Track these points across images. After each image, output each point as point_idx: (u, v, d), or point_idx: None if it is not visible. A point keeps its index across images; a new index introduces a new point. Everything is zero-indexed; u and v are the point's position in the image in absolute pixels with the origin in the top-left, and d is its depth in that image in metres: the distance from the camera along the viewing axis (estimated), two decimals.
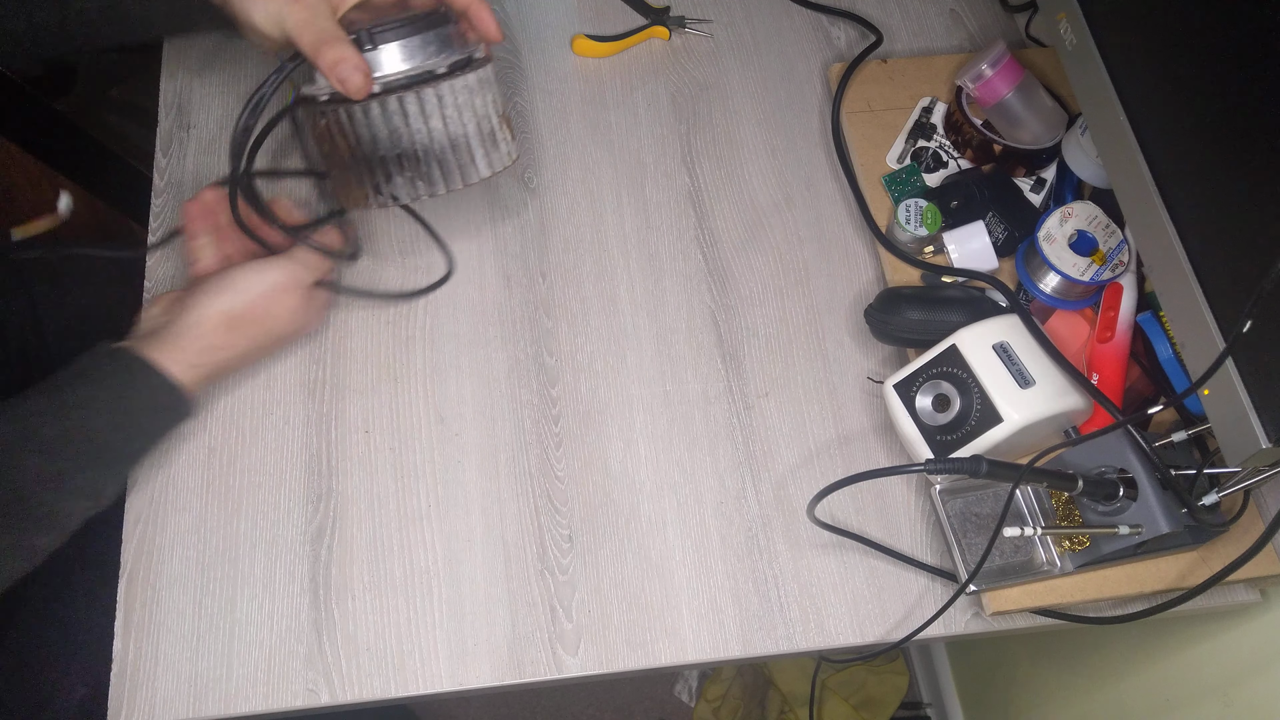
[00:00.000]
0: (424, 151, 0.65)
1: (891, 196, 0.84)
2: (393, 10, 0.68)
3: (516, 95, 0.89)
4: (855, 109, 0.88)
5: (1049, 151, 0.83)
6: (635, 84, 0.91)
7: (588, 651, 0.69)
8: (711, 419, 0.77)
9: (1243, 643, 0.79)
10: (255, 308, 0.69)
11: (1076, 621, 0.72)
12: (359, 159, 0.66)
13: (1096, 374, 0.73)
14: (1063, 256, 0.75)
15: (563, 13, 0.94)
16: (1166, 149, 0.64)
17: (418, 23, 0.64)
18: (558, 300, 0.81)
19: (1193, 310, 0.61)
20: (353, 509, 0.72)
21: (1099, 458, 0.68)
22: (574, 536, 0.72)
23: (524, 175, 0.86)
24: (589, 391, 0.77)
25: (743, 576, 0.72)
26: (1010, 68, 0.80)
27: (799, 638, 0.71)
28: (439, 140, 0.65)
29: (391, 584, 0.70)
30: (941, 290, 0.77)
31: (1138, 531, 0.64)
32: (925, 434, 0.70)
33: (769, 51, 0.93)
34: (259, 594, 0.69)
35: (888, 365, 0.80)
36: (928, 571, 0.73)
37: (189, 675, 0.67)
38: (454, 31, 0.68)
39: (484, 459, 0.74)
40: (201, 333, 0.67)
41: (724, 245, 0.84)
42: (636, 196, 0.86)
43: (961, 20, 0.97)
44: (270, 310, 0.69)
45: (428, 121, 0.64)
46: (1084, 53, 0.70)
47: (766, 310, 0.82)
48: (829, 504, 0.74)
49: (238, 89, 0.87)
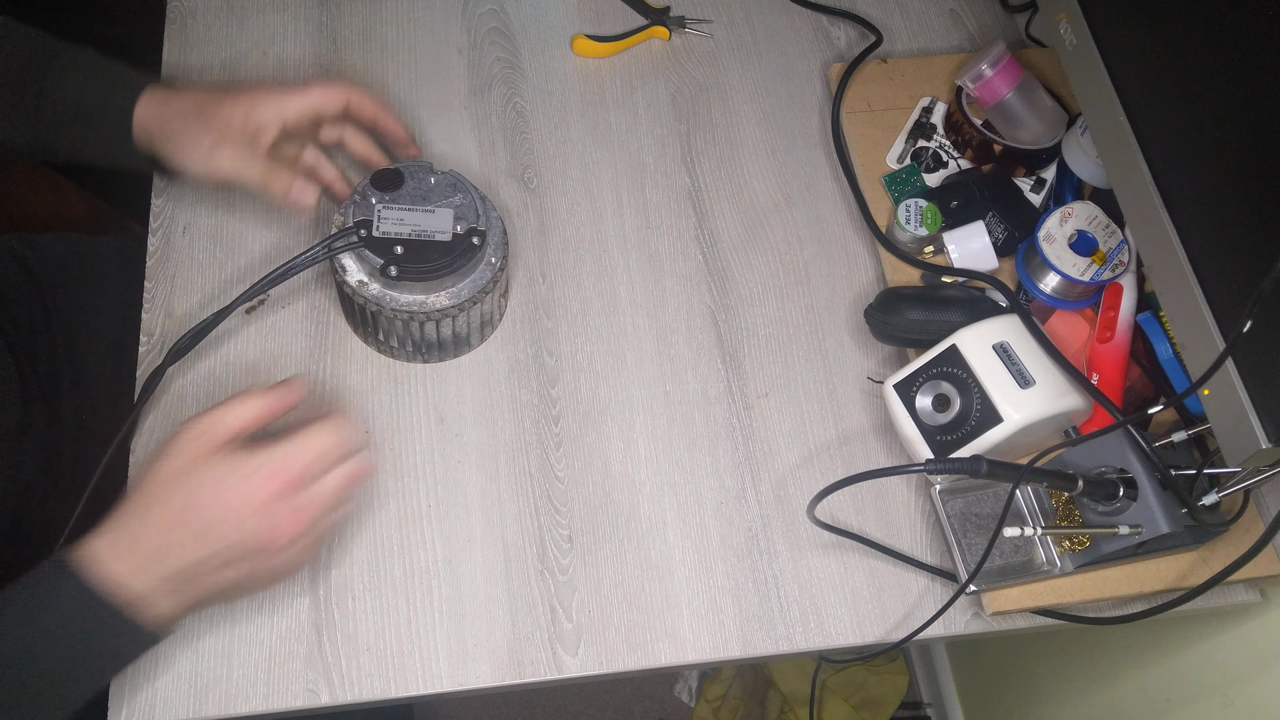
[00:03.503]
0: (429, 343, 0.75)
1: (891, 196, 0.84)
2: (308, 129, 0.74)
3: (516, 95, 0.89)
4: (855, 109, 0.88)
5: (1049, 151, 0.83)
6: (635, 84, 0.91)
7: (588, 652, 0.69)
8: (711, 419, 0.77)
9: (1243, 643, 0.79)
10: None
11: (1076, 621, 0.72)
12: (373, 327, 0.75)
13: (1096, 374, 0.73)
14: (1063, 256, 0.75)
15: (563, 13, 0.94)
16: (1166, 149, 0.64)
17: (441, 264, 0.70)
18: (558, 300, 0.81)
19: (1193, 310, 0.61)
20: (353, 509, 0.72)
21: (1099, 458, 0.68)
22: (574, 537, 0.72)
23: (524, 175, 0.86)
24: (589, 392, 0.77)
25: (743, 576, 0.72)
26: (1010, 68, 0.80)
27: (799, 638, 0.71)
28: (445, 337, 0.75)
29: (391, 584, 0.70)
30: (941, 290, 0.77)
31: (1138, 531, 0.65)
32: (925, 434, 0.70)
33: (769, 51, 0.93)
34: (259, 594, 0.69)
35: (888, 365, 0.80)
36: (928, 571, 0.73)
37: (189, 675, 0.67)
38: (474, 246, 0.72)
39: (484, 459, 0.74)
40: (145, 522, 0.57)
41: (724, 245, 0.84)
42: (636, 196, 0.86)
43: (961, 20, 0.97)
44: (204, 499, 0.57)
45: (439, 329, 0.73)
46: (1084, 53, 0.70)
47: (766, 310, 0.82)
48: (829, 504, 0.74)
49: None
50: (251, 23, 0.90)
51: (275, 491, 0.58)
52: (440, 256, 0.70)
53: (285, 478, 0.58)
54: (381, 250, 0.70)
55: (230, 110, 0.71)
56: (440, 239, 0.70)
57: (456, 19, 0.92)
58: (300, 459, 0.59)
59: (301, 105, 0.73)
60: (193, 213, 0.81)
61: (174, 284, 0.79)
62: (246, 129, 0.71)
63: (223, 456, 0.59)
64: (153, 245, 0.80)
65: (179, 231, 0.81)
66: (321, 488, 0.60)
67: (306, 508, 0.59)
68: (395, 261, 0.69)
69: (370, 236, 0.70)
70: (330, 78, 0.77)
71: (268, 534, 0.58)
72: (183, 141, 0.71)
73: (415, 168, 0.73)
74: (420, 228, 0.70)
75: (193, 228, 0.81)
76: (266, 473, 0.58)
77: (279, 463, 0.59)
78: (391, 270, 0.69)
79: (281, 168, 0.72)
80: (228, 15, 0.91)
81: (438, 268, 0.70)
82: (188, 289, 0.79)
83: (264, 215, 0.81)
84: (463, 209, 0.72)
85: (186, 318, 0.77)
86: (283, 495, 0.58)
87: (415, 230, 0.70)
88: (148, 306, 0.78)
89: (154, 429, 0.73)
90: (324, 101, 0.73)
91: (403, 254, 0.70)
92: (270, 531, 0.58)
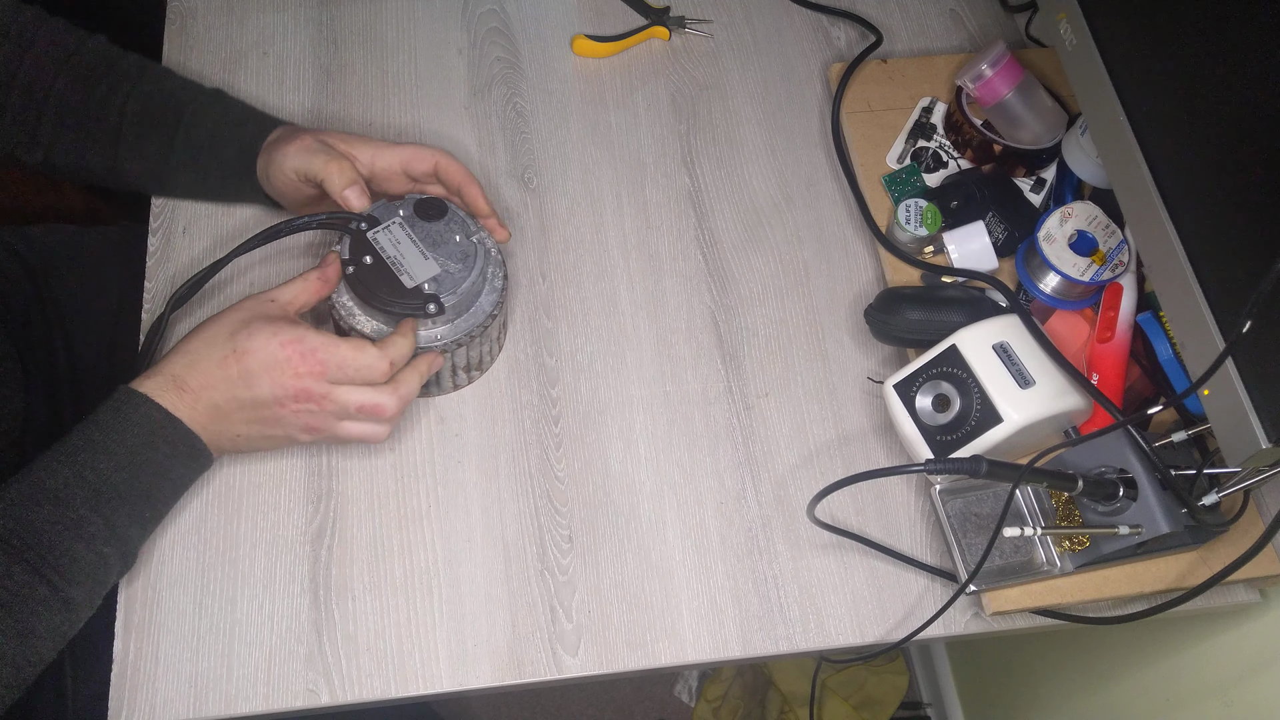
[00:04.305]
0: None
1: (891, 196, 0.84)
2: (395, 183, 0.75)
3: (516, 95, 0.89)
4: (855, 109, 0.88)
5: (1049, 151, 0.83)
6: (635, 84, 0.91)
7: (588, 652, 0.69)
8: (711, 419, 0.77)
9: (1243, 643, 0.79)
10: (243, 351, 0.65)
11: (1076, 621, 0.72)
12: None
13: (1096, 374, 0.73)
14: (1063, 256, 0.75)
15: (563, 13, 0.94)
16: (1166, 149, 0.64)
17: (381, 299, 0.69)
18: (558, 300, 0.81)
19: (1193, 310, 0.61)
20: (353, 509, 0.72)
21: (1099, 458, 0.68)
22: (574, 537, 0.72)
23: (524, 175, 0.86)
24: (589, 392, 0.77)
25: (743, 577, 0.72)
26: (1010, 68, 0.80)
27: (799, 638, 0.71)
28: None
29: (391, 584, 0.70)
30: (941, 290, 0.77)
31: (1138, 531, 0.65)
32: (925, 434, 0.70)
33: (769, 51, 0.93)
34: (259, 594, 0.69)
35: (888, 365, 0.80)
36: (928, 571, 0.73)
37: (189, 675, 0.67)
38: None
39: (484, 459, 0.74)
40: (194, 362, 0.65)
41: (724, 245, 0.84)
42: (636, 197, 0.86)
43: (961, 20, 0.97)
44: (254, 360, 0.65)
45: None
46: (1084, 53, 0.70)
47: (766, 310, 0.82)
48: (829, 504, 0.74)
49: (237, 89, 0.87)
50: (251, 23, 0.90)
51: (310, 371, 0.64)
52: (387, 293, 0.68)
53: (322, 359, 0.64)
54: (357, 249, 0.69)
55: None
56: (404, 280, 0.69)
57: (456, 19, 0.92)
58: (339, 354, 0.65)
59: (391, 157, 0.73)
60: (193, 213, 0.81)
61: (174, 284, 0.78)
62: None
63: (276, 321, 0.65)
64: (153, 245, 0.80)
65: (179, 231, 0.81)
66: (345, 394, 0.65)
67: (327, 398, 0.65)
68: (356, 266, 0.69)
69: (362, 233, 0.70)
70: (425, 143, 0.77)
71: (291, 399, 0.65)
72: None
73: (462, 221, 0.72)
74: (400, 260, 0.69)
75: (193, 228, 0.81)
76: (308, 347, 0.64)
77: (320, 347, 0.65)
78: (349, 269, 0.69)
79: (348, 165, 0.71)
80: (228, 15, 0.91)
81: (378, 300, 0.68)
82: None
83: (264, 216, 0.81)
84: (452, 278, 0.69)
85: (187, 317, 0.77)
86: (312, 374, 0.64)
87: (394, 259, 0.69)
88: (148, 306, 0.78)
89: None
90: (414, 159, 0.74)
91: (367, 266, 0.69)
92: (295, 396, 0.64)
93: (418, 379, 0.69)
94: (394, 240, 0.70)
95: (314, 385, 0.65)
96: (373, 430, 0.68)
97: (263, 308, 0.66)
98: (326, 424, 0.66)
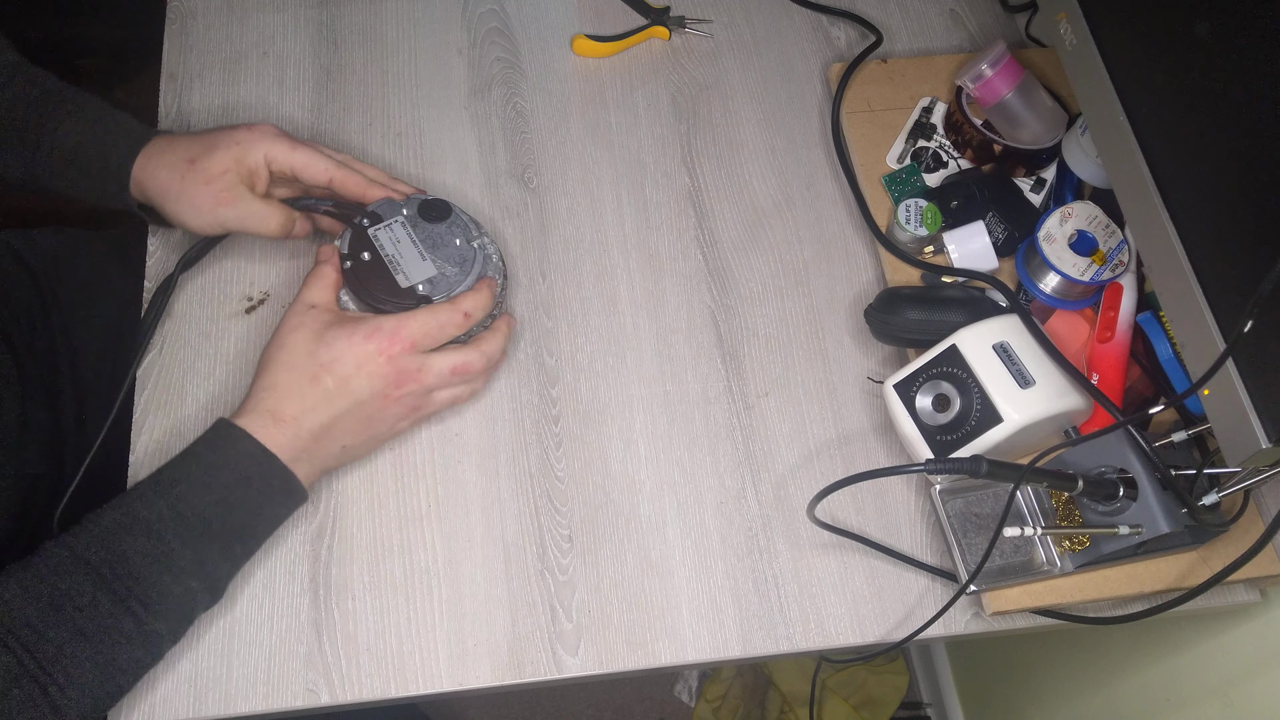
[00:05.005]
0: None
1: (891, 196, 0.84)
2: (291, 180, 0.74)
3: (516, 95, 0.89)
4: (855, 109, 0.88)
5: (1049, 151, 0.83)
6: (635, 84, 0.91)
7: (588, 652, 0.69)
8: (711, 419, 0.77)
9: (1243, 643, 0.79)
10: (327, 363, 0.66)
11: (1076, 621, 0.72)
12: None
13: (1096, 374, 0.73)
14: (1063, 256, 0.75)
15: (563, 13, 0.94)
16: (1166, 149, 0.64)
17: (374, 295, 0.69)
18: (558, 300, 0.81)
19: (1193, 310, 0.61)
20: (353, 509, 0.72)
21: (1099, 458, 0.68)
22: (574, 537, 0.72)
23: (524, 175, 0.86)
24: (589, 392, 0.77)
25: (743, 576, 0.72)
26: (1010, 68, 0.80)
27: (799, 638, 0.71)
28: None
29: (391, 584, 0.70)
30: (941, 290, 0.77)
31: (1138, 531, 0.65)
32: (925, 434, 0.70)
33: (769, 51, 0.93)
34: (259, 594, 0.69)
35: (888, 365, 0.80)
36: (928, 571, 0.73)
37: (189, 675, 0.67)
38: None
39: (484, 459, 0.74)
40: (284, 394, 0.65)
41: (724, 245, 0.84)
42: (636, 196, 0.86)
43: (961, 20, 0.97)
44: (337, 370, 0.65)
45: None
46: (1084, 53, 0.70)
47: (766, 310, 0.82)
48: (829, 504, 0.74)
49: (237, 90, 0.87)
50: (251, 23, 0.91)
51: (402, 349, 0.66)
52: (380, 291, 0.69)
53: (405, 335, 0.66)
54: (356, 244, 0.70)
55: (223, 158, 0.70)
56: (399, 280, 0.69)
57: (456, 19, 0.92)
58: (416, 322, 0.66)
59: (286, 162, 0.72)
60: None
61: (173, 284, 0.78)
62: (240, 175, 0.71)
63: (342, 324, 0.66)
64: (152, 245, 0.80)
65: (179, 232, 0.81)
66: (438, 361, 0.68)
67: (423, 370, 0.67)
68: (354, 261, 0.69)
69: (364, 228, 0.70)
70: (324, 151, 0.74)
71: (393, 385, 0.66)
72: (182, 202, 0.71)
73: (464, 225, 0.72)
74: (398, 259, 0.70)
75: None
76: (387, 329, 0.66)
77: (398, 324, 0.66)
78: (346, 264, 0.70)
79: (277, 208, 0.72)
80: (228, 15, 0.91)
81: (370, 296, 0.69)
82: (188, 289, 0.79)
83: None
84: (447, 281, 0.70)
85: (185, 317, 0.77)
86: (405, 353, 0.66)
87: (392, 257, 0.70)
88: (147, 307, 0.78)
89: (155, 427, 0.73)
90: (308, 168, 0.72)
91: (365, 262, 0.69)
92: (396, 381, 0.66)
93: (500, 338, 0.72)
94: (394, 239, 0.70)
95: (408, 361, 0.66)
96: (465, 390, 0.71)
97: (317, 318, 0.67)
98: (425, 400, 0.69)
